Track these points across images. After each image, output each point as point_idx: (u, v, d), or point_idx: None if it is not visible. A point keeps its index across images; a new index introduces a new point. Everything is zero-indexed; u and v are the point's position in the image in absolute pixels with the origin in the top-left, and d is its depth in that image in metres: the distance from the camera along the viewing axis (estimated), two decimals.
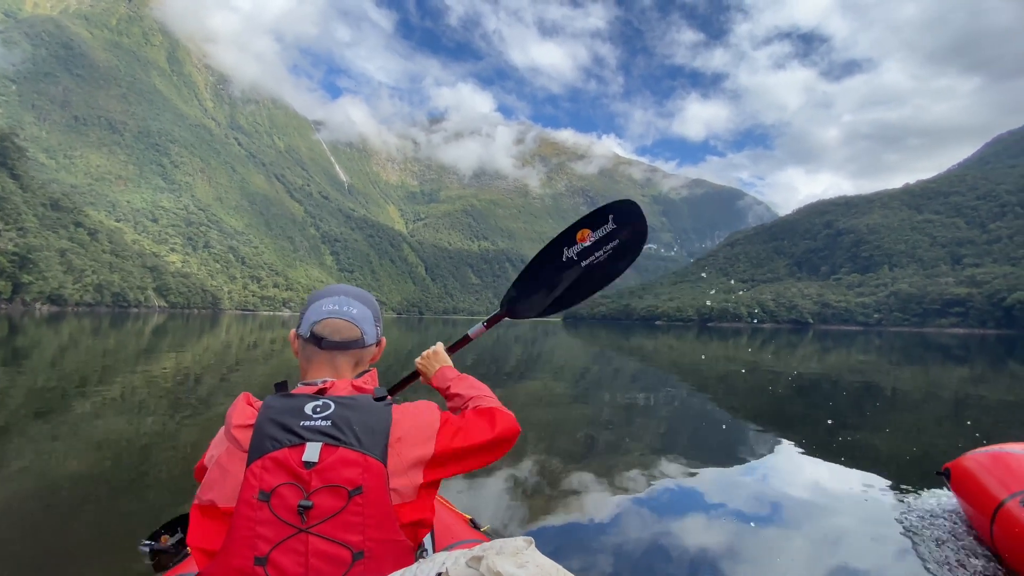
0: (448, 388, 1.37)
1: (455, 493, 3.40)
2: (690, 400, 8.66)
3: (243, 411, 1.00)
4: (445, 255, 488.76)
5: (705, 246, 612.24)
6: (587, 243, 1.39)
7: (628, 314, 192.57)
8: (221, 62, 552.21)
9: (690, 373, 13.28)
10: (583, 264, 1.43)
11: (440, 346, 1.54)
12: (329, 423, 0.95)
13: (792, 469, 4.29)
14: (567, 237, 1.45)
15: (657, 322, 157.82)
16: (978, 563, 2.44)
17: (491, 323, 1.65)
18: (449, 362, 1.50)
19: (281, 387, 1.06)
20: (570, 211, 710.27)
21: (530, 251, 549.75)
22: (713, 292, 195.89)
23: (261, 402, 1.02)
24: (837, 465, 4.35)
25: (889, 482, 3.78)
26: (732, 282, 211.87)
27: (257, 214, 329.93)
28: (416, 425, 1.02)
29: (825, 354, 20.95)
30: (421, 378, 1.52)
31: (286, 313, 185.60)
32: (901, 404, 8.68)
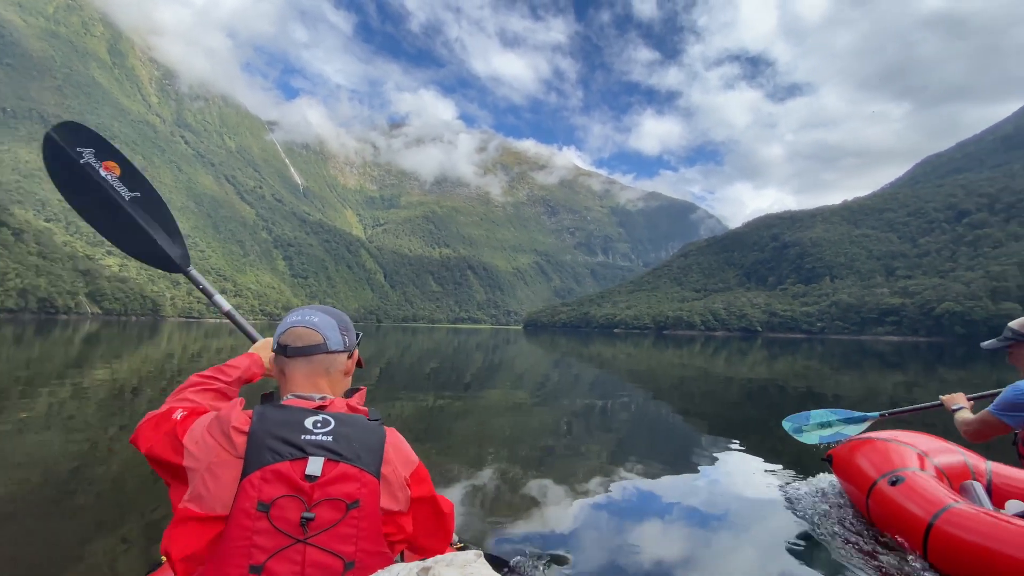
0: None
1: None
2: (646, 406, 8.83)
3: (240, 415, 1.01)
4: (405, 261, 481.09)
5: (660, 256, 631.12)
6: (109, 173, 1.46)
7: (587, 322, 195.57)
8: (168, 56, 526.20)
9: (647, 380, 13.54)
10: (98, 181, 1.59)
11: (258, 344, 1.64)
12: (331, 439, 1.00)
13: (737, 470, 4.52)
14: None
15: (615, 330, 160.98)
16: (860, 530, 2.82)
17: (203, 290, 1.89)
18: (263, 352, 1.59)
19: (268, 398, 1.09)
20: (531, 220, 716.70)
21: (491, 258, 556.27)
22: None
23: (250, 410, 1.03)
24: (773, 462, 4.70)
25: (798, 471, 4.29)
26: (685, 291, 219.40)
27: (205, 216, 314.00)
28: (404, 450, 1.11)
29: (773, 361, 21.85)
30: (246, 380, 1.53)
31: None
32: (842, 406, 9.18)
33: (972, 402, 2.74)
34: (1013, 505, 2.47)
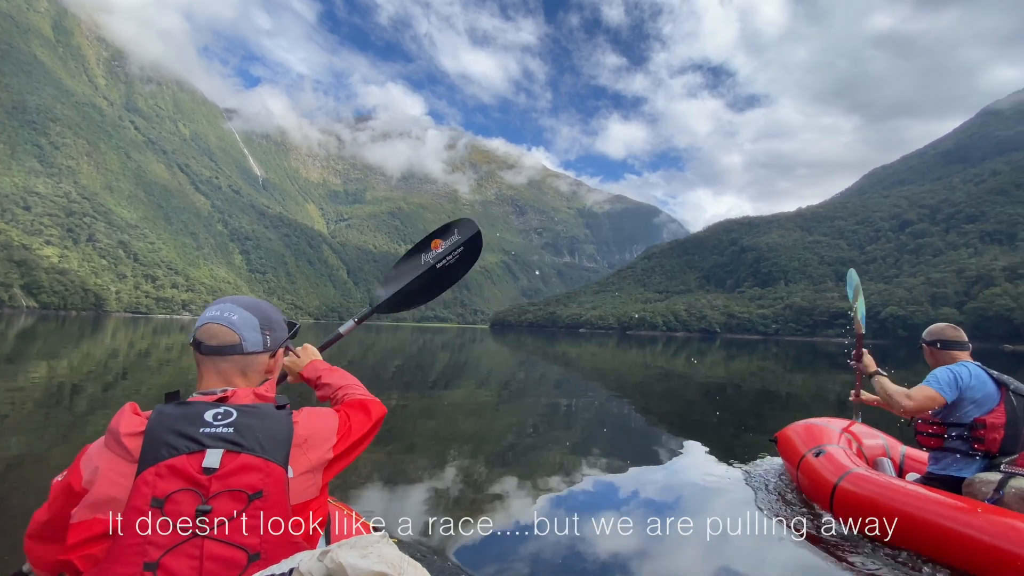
0: (319, 378, 1.42)
1: (377, 503, 3.40)
2: (609, 404, 8.94)
3: (131, 420, 0.98)
4: (370, 258, 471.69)
5: (624, 258, 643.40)
6: (440, 250, 1.58)
7: (553, 321, 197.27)
8: (118, 36, 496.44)
9: (610, 379, 13.77)
10: (438, 266, 1.61)
11: (309, 346, 1.59)
12: (231, 430, 0.97)
13: (693, 461, 4.72)
14: (424, 245, 1.63)
15: (581, 330, 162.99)
16: (790, 499, 3.46)
17: (361, 320, 1.80)
18: (319, 356, 1.54)
19: (173, 396, 1.05)
20: (499, 219, 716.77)
21: None
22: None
23: (149, 412, 1.00)
24: (726, 453, 5.02)
25: (748, 458, 4.73)
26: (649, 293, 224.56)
27: (155, 206, 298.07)
28: (318, 429, 1.08)
29: (730, 361, 22.60)
30: (289, 376, 1.54)
31: (186, 317, 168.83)
32: (792, 404, 9.66)
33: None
34: (911, 476, 3.06)
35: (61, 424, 5.59)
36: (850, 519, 2.76)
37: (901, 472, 3.36)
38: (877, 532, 2.60)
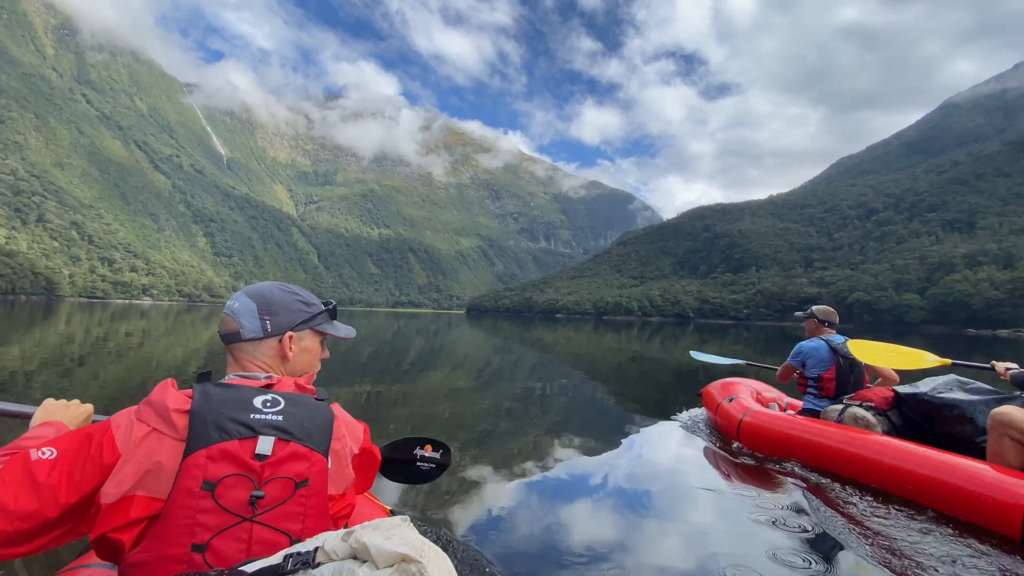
0: None
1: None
2: (583, 388, 8.78)
3: (176, 396, 0.97)
4: (341, 242, 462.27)
5: (599, 244, 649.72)
6: (427, 454, 1.72)
7: (530, 307, 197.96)
8: (67, 3, 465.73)
9: (586, 363, 13.42)
10: (418, 464, 1.74)
11: None
12: (281, 418, 0.99)
13: (662, 440, 4.98)
14: (420, 443, 1.75)
15: (557, 315, 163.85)
16: (711, 438, 4.57)
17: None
18: None
19: (205, 377, 1.04)
20: (474, 203, 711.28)
21: (433, 241, 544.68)
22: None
23: (189, 390, 1.00)
24: (681, 420, 5.46)
25: (688, 409, 5.93)
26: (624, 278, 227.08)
27: (111, 185, 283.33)
28: (351, 426, 1.14)
29: (703, 345, 22.37)
30: None
31: (146, 302, 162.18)
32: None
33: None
34: (790, 412, 4.32)
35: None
36: (750, 441, 3.97)
37: (784, 411, 4.51)
38: (768, 449, 3.77)
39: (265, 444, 0.95)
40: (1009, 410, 2.70)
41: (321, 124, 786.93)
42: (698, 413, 5.42)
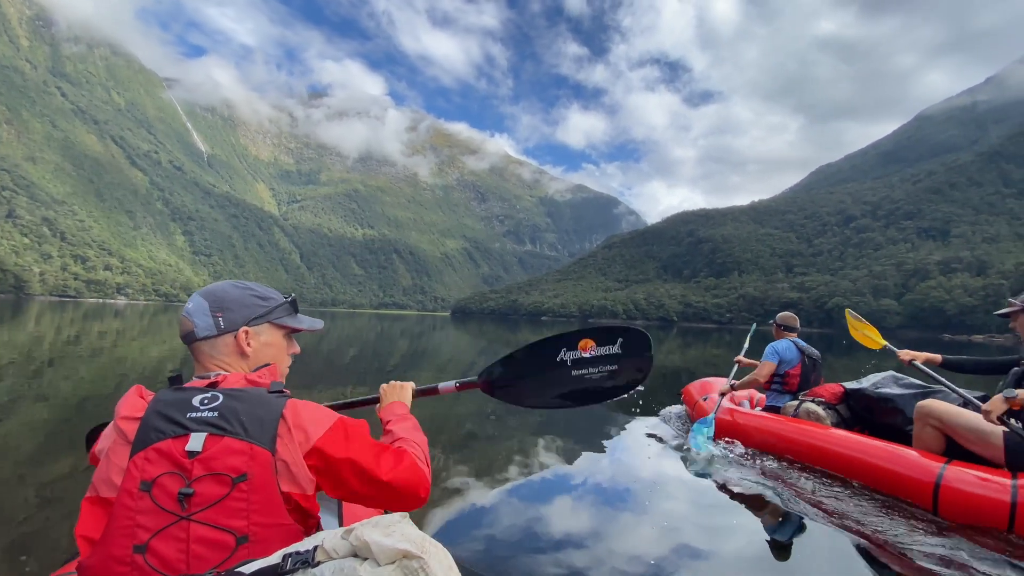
0: (388, 423, 1.37)
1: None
2: None
3: (133, 403, 1.00)
4: (324, 242, 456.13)
5: (584, 247, 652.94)
6: (587, 354, 1.39)
7: (516, 309, 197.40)
8: None
9: None
10: (573, 373, 1.43)
11: (411, 385, 1.55)
12: (215, 414, 0.97)
13: (643, 436, 5.15)
14: (569, 340, 1.45)
15: (543, 317, 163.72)
16: (687, 427, 4.96)
17: (463, 387, 1.66)
18: (408, 402, 1.50)
19: (175, 380, 1.07)
20: (460, 205, 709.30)
21: (418, 242, 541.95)
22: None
23: (152, 395, 1.02)
24: (666, 417, 5.78)
25: (670, 406, 6.27)
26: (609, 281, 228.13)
27: (86, 181, 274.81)
28: (307, 417, 1.04)
29: (686, 348, 22.29)
30: (377, 405, 1.51)
31: (121, 301, 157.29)
32: None
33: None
34: (758, 409, 4.67)
35: None
36: (722, 436, 4.35)
37: (754, 408, 4.90)
38: (737, 441, 4.23)
39: (196, 440, 0.94)
40: (930, 403, 3.13)
41: (305, 122, 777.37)
42: (680, 410, 5.76)
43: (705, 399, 4.98)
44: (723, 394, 4.71)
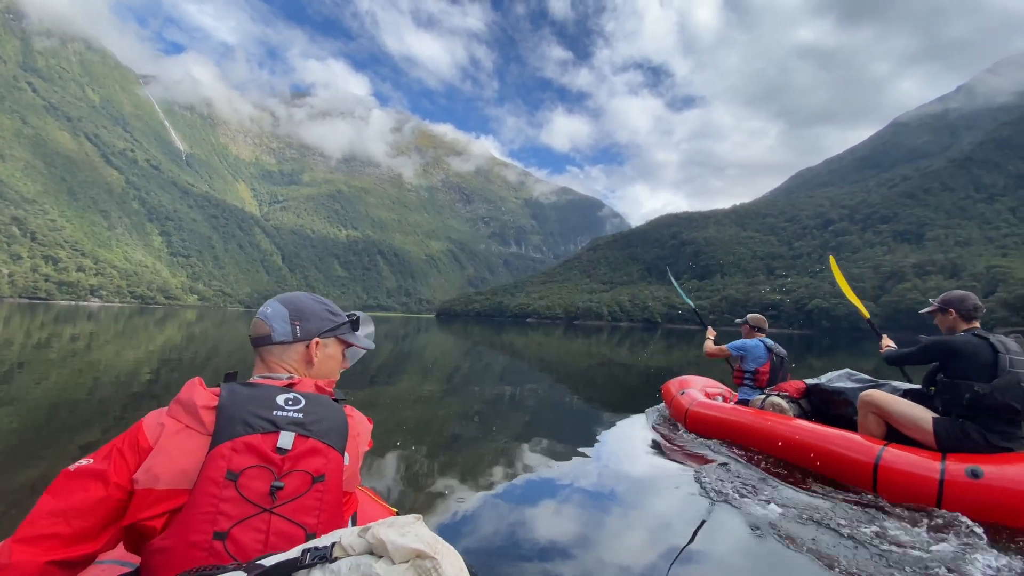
0: None
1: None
2: (553, 391, 8.91)
3: (203, 393, 1.04)
4: (307, 243, 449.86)
5: (569, 249, 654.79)
6: None
7: (501, 311, 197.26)
8: None
9: (556, 367, 13.51)
10: None
11: None
12: (302, 415, 1.06)
13: (624, 432, 5.44)
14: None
15: (528, 319, 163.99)
16: (668, 425, 5.26)
17: None
18: None
19: (231, 377, 1.13)
20: (445, 206, 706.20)
21: (403, 243, 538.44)
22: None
23: (216, 388, 1.07)
24: (649, 418, 5.91)
25: (649, 403, 6.68)
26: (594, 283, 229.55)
27: (57, 179, 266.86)
28: (363, 428, 1.21)
29: (670, 350, 22.76)
30: None
31: (94, 303, 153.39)
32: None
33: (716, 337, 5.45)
34: (729, 403, 4.97)
35: None
36: (697, 427, 4.74)
37: (725, 402, 5.20)
38: (707, 433, 4.58)
39: (286, 439, 1.01)
40: (871, 392, 3.46)
41: (288, 122, 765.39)
42: (661, 406, 6.02)
43: (682, 394, 5.32)
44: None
